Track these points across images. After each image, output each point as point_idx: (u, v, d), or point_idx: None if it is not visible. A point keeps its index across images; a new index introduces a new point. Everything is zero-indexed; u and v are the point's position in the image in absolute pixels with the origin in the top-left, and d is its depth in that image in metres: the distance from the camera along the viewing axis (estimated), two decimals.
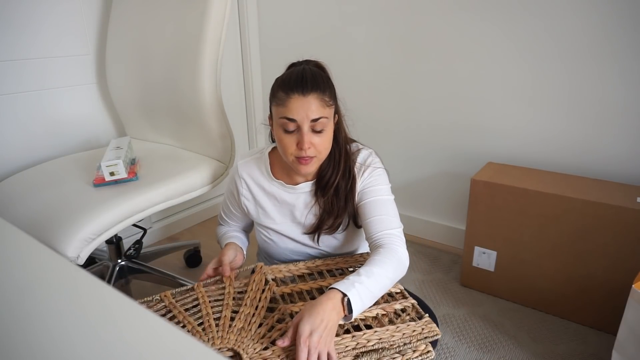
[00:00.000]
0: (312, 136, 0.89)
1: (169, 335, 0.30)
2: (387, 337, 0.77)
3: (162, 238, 2.00)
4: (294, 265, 1.02)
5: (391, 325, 0.81)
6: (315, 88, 0.88)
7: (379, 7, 1.75)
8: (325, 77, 0.93)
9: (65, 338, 0.29)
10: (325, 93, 0.89)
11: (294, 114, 0.87)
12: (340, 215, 1.00)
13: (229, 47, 2.06)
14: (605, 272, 1.28)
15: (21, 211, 1.06)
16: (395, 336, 0.78)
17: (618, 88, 1.36)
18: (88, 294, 0.35)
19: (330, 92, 0.92)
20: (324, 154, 0.94)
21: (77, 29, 1.50)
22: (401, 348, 0.77)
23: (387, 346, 0.76)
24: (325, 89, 0.90)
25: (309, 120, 0.87)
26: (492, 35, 1.53)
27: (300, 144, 0.89)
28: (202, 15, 1.19)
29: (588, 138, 1.45)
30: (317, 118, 0.88)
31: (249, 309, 0.86)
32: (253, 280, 0.95)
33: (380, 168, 1.01)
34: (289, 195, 1.03)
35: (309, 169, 0.94)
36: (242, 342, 0.78)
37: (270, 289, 0.91)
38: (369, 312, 0.84)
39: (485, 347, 1.29)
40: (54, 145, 1.50)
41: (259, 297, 0.89)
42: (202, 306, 0.88)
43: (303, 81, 0.88)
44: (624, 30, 1.31)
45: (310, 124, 0.88)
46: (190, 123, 1.33)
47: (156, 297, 0.92)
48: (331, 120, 0.93)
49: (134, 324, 0.32)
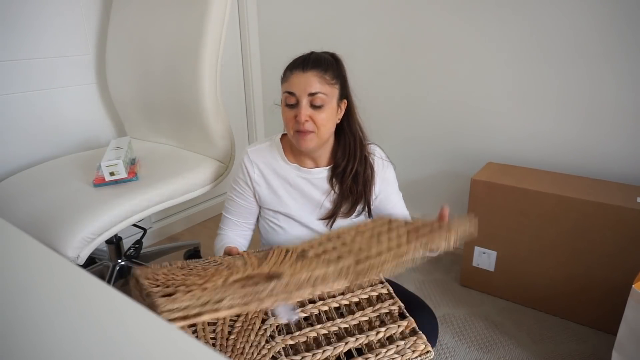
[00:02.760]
0: (310, 110, 0.94)
1: (169, 335, 0.30)
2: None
3: (162, 238, 2.00)
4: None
5: (381, 349, 0.78)
6: (316, 66, 0.94)
7: (379, 8, 1.75)
8: (331, 61, 0.98)
9: (65, 338, 0.29)
10: (326, 72, 0.95)
11: (293, 88, 0.94)
12: (358, 200, 1.04)
13: (229, 47, 2.06)
14: (605, 271, 1.28)
15: (21, 211, 1.06)
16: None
17: (619, 88, 1.36)
18: (88, 294, 0.35)
19: (333, 72, 0.96)
20: (322, 131, 0.96)
21: (77, 29, 1.50)
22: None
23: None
24: (328, 69, 0.95)
25: (306, 94, 0.93)
26: (493, 35, 1.53)
27: (298, 117, 0.94)
28: (202, 15, 1.19)
29: (588, 138, 1.45)
30: (315, 92, 0.93)
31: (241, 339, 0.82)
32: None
33: (392, 164, 1.11)
34: (303, 180, 1.05)
35: (308, 144, 0.97)
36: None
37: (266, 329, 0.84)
38: (362, 337, 0.80)
39: (485, 347, 1.29)
40: (54, 145, 1.50)
41: (256, 330, 0.84)
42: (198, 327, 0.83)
43: (305, 60, 0.96)
44: (622, 30, 1.31)
45: (309, 98, 0.93)
46: (190, 123, 1.33)
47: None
48: (333, 100, 0.96)
49: (134, 324, 0.32)
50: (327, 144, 1.02)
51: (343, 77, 1.00)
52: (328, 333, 0.83)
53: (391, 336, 0.82)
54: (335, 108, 0.98)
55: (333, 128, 1.00)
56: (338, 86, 0.97)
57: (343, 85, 0.99)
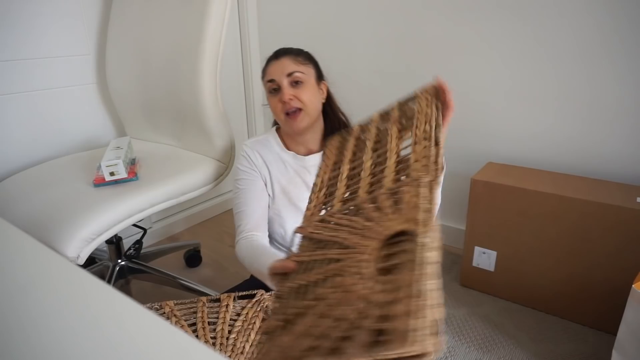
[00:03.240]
0: (292, 90, 1.00)
1: (169, 335, 0.30)
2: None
3: (162, 238, 2.00)
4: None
5: None
6: (287, 53, 1.03)
7: (378, 8, 1.75)
8: (301, 50, 1.06)
9: (65, 338, 0.29)
10: (298, 56, 1.02)
11: (272, 75, 1.01)
12: None
13: (229, 47, 2.06)
14: (605, 272, 1.28)
15: (21, 211, 1.06)
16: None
17: (619, 88, 1.36)
18: (88, 294, 0.35)
19: (304, 56, 1.04)
20: (309, 107, 1.01)
21: (77, 29, 1.50)
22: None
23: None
24: (299, 54, 1.03)
25: (284, 75, 1.00)
26: (493, 35, 1.53)
27: (282, 97, 0.99)
28: (202, 15, 1.19)
29: (588, 138, 1.45)
30: (292, 72, 1.00)
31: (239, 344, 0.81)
32: (251, 306, 0.90)
33: None
34: (300, 168, 1.08)
35: (299, 123, 1.01)
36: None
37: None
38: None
39: (485, 347, 1.29)
40: (54, 145, 1.50)
41: (256, 330, 0.85)
42: (198, 326, 0.85)
43: (277, 52, 1.05)
44: (622, 29, 1.31)
45: (288, 79, 1.00)
46: (190, 123, 1.33)
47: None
48: (311, 77, 1.02)
49: (134, 324, 0.32)
50: (317, 125, 1.06)
51: (316, 62, 1.07)
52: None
53: None
54: (316, 86, 1.04)
55: (320, 106, 1.05)
56: (312, 66, 1.04)
57: (317, 68, 1.06)
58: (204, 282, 1.54)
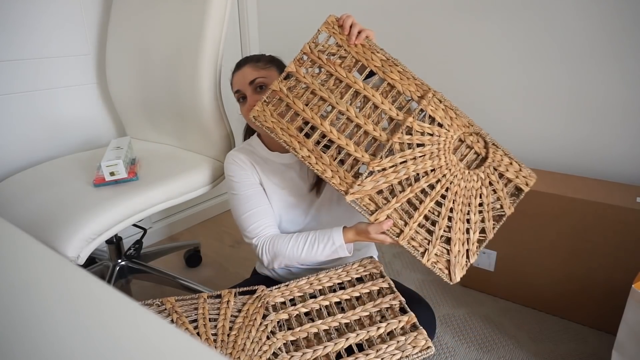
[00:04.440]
0: (256, 95, 1.02)
1: (170, 336, 0.30)
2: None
3: (162, 238, 2.00)
4: (295, 283, 0.96)
5: (382, 344, 0.79)
6: (247, 61, 1.06)
7: (378, 7, 1.75)
8: (261, 55, 1.09)
9: (65, 338, 0.29)
10: (259, 62, 1.05)
11: (236, 85, 1.06)
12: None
13: (229, 47, 2.06)
14: (605, 272, 1.28)
15: (21, 211, 1.06)
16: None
17: (618, 88, 1.36)
18: (88, 294, 0.35)
19: (265, 59, 1.06)
20: None
21: (77, 29, 1.50)
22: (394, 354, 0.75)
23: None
24: (259, 59, 1.06)
25: (247, 83, 1.03)
26: (493, 35, 1.53)
27: (248, 104, 1.02)
28: (202, 14, 1.19)
29: (588, 138, 1.45)
30: (253, 79, 1.02)
31: (241, 338, 0.82)
32: (252, 302, 0.91)
33: None
34: (283, 166, 1.09)
35: None
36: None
37: (267, 325, 0.86)
38: (362, 333, 0.81)
39: (485, 347, 1.29)
40: (54, 145, 1.50)
41: (257, 326, 0.85)
42: (199, 321, 0.85)
43: (238, 62, 1.09)
44: (625, 30, 1.31)
45: (251, 87, 1.03)
46: (190, 123, 1.33)
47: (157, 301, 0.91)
48: (273, 80, 1.00)
49: (135, 325, 0.32)
50: None
51: (278, 63, 1.09)
52: (329, 329, 0.83)
53: (392, 331, 0.82)
54: None
55: None
56: (274, 68, 1.06)
57: (280, 68, 1.07)
58: (204, 282, 1.54)
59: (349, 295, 0.90)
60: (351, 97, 0.92)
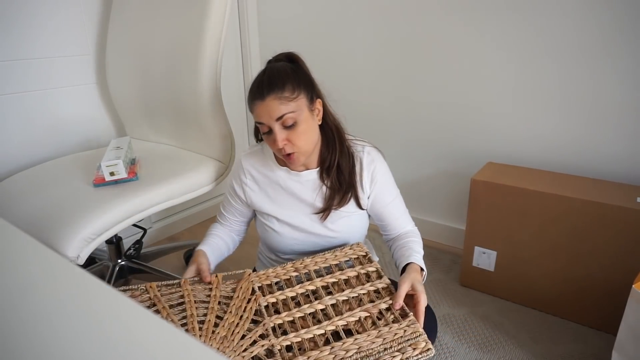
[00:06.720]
0: (285, 133, 0.92)
1: (169, 335, 0.30)
2: (367, 345, 0.76)
3: (162, 238, 2.00)
4: (281, 269, 0.98)
5: (373, 330, 0.79)
6: (270, 89, 0.90)
7: (379, 7, 1.75)
8: (286, 71, 0.93)
9: (65, 338, 0.29)
10: (284, 90, 0.90)
11: (260, 119, 0.92)
12: (348, 190, 1.04)
13: (229, 47, 2.06)
14: (605, 272, 1.28)
15: (21, 211, 1.06)
16: (375, 342, 0.76)
17: (618, 87, 1.36)
18: (88, 294, 0.35)
19: (292, 85, 0.91)
20: (304, 148, 0.95)
21: (77, 29, 1.50)
22: (381, 354, 0.75)
23: (367, 354, 0.75)
24: (285, 85, 0.91)
25: (274, 120, 0.91)
26: (492, 35, 1.53)
27: (275, 143, 0.93)
28: (202, 14, 1.19)
29: (588, 138, 1.45)
30: (281, 116, 0.90)
31: (233, 317, 0.83)
32: (240, 287, 0.93)
33: (384, 164, 1.08)
34: (294, 183, 1.04)
35: (297, 164, 0.98)
36: (224, 352, 0.76)
37: (257, 300, 0.88)
38: (351, 317, 0.83)
39: (485, 347, 1.29)
40: (54, 145, 1.50)
41: (245, 306, 0.87)
42: (187, 305, 0.86)
43: (259, 87, 0.92)
44: (623, 29, 1.31)
45: (278, 122, 0.91)
46: (190, 123, 1.33)
47: (141, 286, 0.91)
48: (303, 111, 0.93)
49: (135, 324, 0.32)
50: (315, 148, 1.01)
51: (305, 81, 0.95)
52: (324, 333, 0.83)
53: (384, 316, 0.82)
54: (310, 116, 0.95)
55: (315, 136, 0.98)
56: (303, 95, 0.93)
57: (308, 89, 0.95)
58: None
59: (346, 296, 0.90)
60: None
